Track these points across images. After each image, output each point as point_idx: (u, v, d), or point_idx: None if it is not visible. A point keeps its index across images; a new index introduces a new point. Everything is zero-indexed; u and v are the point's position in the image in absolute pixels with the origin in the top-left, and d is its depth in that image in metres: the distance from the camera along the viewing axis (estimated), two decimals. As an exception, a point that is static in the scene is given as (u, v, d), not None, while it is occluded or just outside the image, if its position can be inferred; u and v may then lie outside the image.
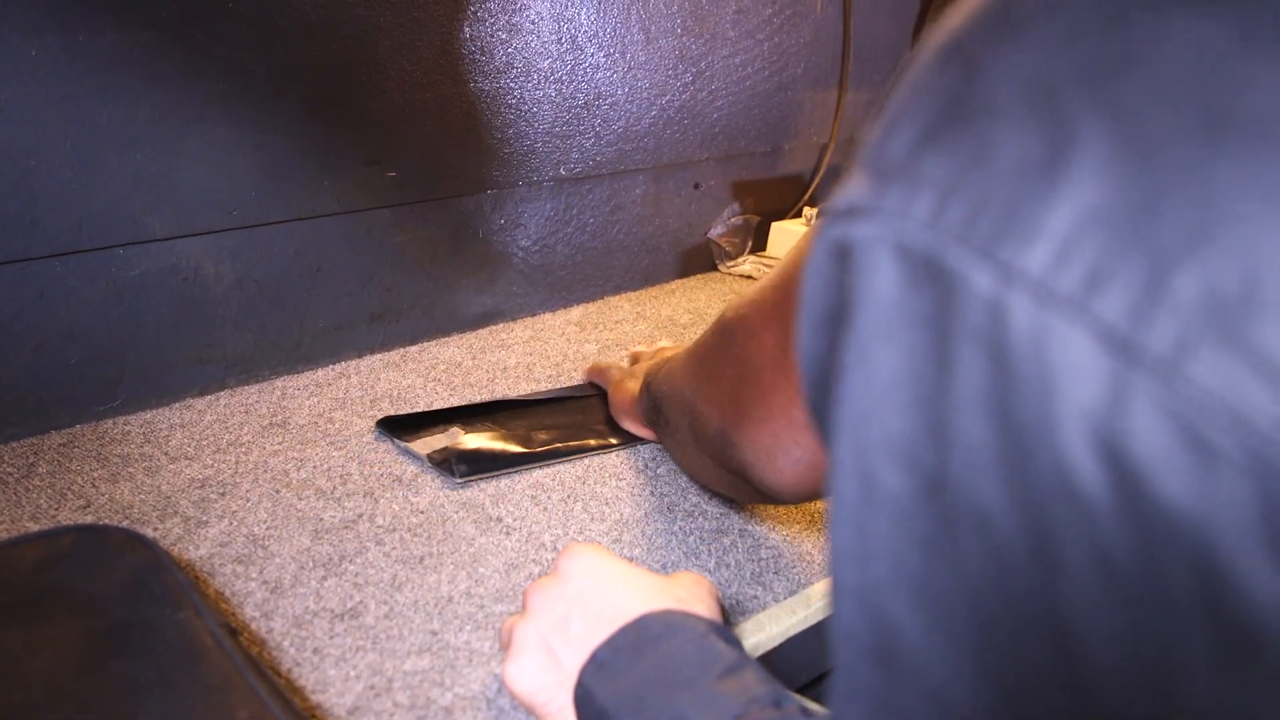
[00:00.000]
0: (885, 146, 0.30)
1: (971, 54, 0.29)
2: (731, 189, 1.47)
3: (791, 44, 1.47)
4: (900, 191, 0.29)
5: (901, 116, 0.30)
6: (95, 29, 0.87)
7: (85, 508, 0.81)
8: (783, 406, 0.63)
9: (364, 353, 1.13)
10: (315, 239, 1.06)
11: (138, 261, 0.94)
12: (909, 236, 0.28)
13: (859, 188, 0.30)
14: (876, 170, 0.30)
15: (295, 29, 0.98)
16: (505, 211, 1.21)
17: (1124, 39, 0.26)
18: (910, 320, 0.28)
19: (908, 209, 0.28)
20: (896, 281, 0.28)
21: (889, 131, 0.30)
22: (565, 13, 1.19)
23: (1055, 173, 0.26)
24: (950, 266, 0.27)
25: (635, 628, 0.54)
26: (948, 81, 0.29)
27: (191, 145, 0.95)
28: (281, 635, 0.67)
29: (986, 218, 0.27)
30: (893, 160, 0.29)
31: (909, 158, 0.29)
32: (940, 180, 0.28)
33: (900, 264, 0.28)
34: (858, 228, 0.29)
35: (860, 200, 0.30)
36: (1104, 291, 0.25)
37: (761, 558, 0.77)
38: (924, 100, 0.30)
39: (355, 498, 0.84)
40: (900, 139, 0.30)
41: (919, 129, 0.29)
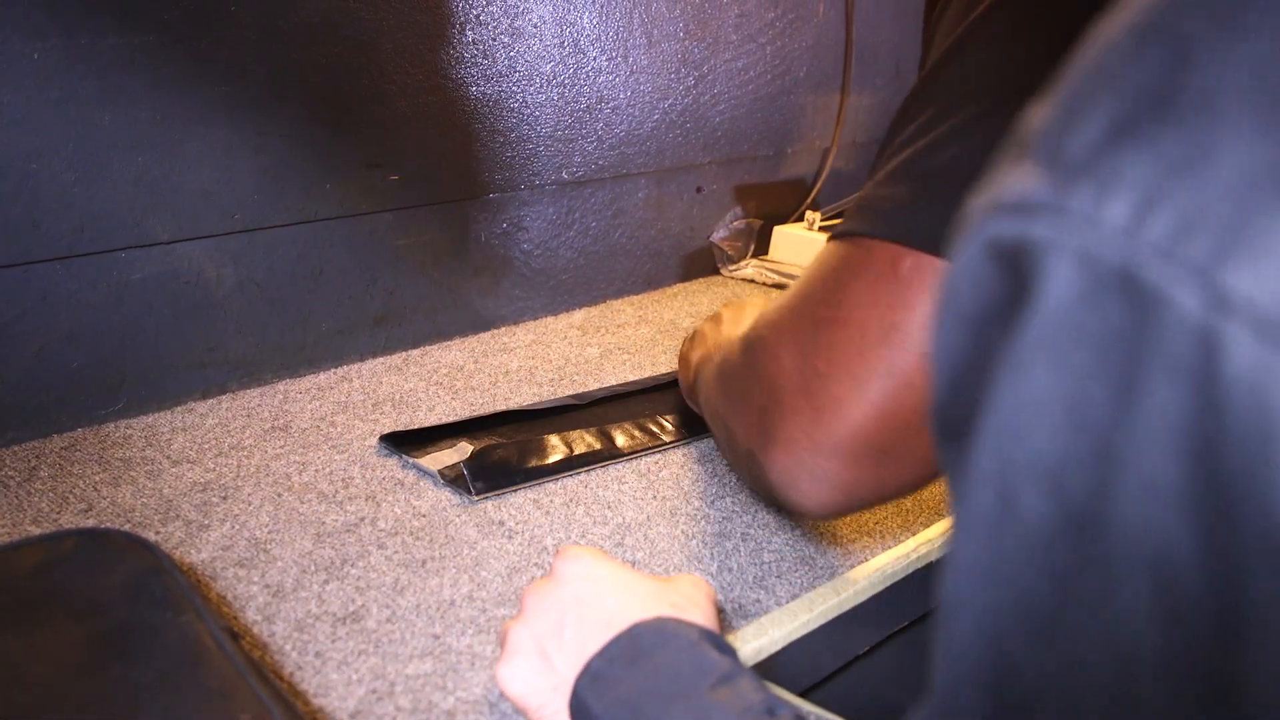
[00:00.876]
0: (1066, 136, 0.27)
1: (1182, 38, 0.25)
2: (734, 192, 1.47)
3: (794, 48, 1.47)
4: (1089, 191, 0.25)
5: (1087, 102, 0.27)
6: (97, 32, 0.87)
7: (87, 511, 0.80)
8: (805, 430, 0.63)
9: (366, 356, 1.13)
10: (317, 242, 1.06)
11: (139, 265, 0.94)
12: (1098, 244, 0.25)
13: (1031, 181, 0.27)
14: (1056, 163, 0.26)
15: (297, 32, 0.98)
16: (507, 215, 1.21)
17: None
18: (1086, 337, 0.25)
19: (1098, 212, 0.25)
20: (1076, 293, 0.25)
21: (1070, 118, 0.27)
22: (567, 17, 1.19)
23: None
24: (1149, 283, 0.24)
25: (628, 637, 0.54)
26: (1150, 68, 0.26)
27: (193, 148, 0.95)
28: (283, 639, 0.67)
29: (1202, 232, 0.23)
30: (1077, 153, 0.26)
31: (1099, 152, 0.26)
32: (1141, 183, 0.24)
33: (1083, 274, 0.25)
34: (1034, 227, 0.26)
35: (1036, 196, 0.26)
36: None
37: (764, 561, 0.77)
38: (1118, 86, 0.26)
39: (357, 501, 0.83)
40: (1087, 130, 0.26)
41: (1112, 120, 0.26)
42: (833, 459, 0.62)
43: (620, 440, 0.93)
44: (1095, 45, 0.28)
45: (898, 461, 0.62)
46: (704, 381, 0.81)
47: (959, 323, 0.30)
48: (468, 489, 0.84)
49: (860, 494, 0.64)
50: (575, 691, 0.53)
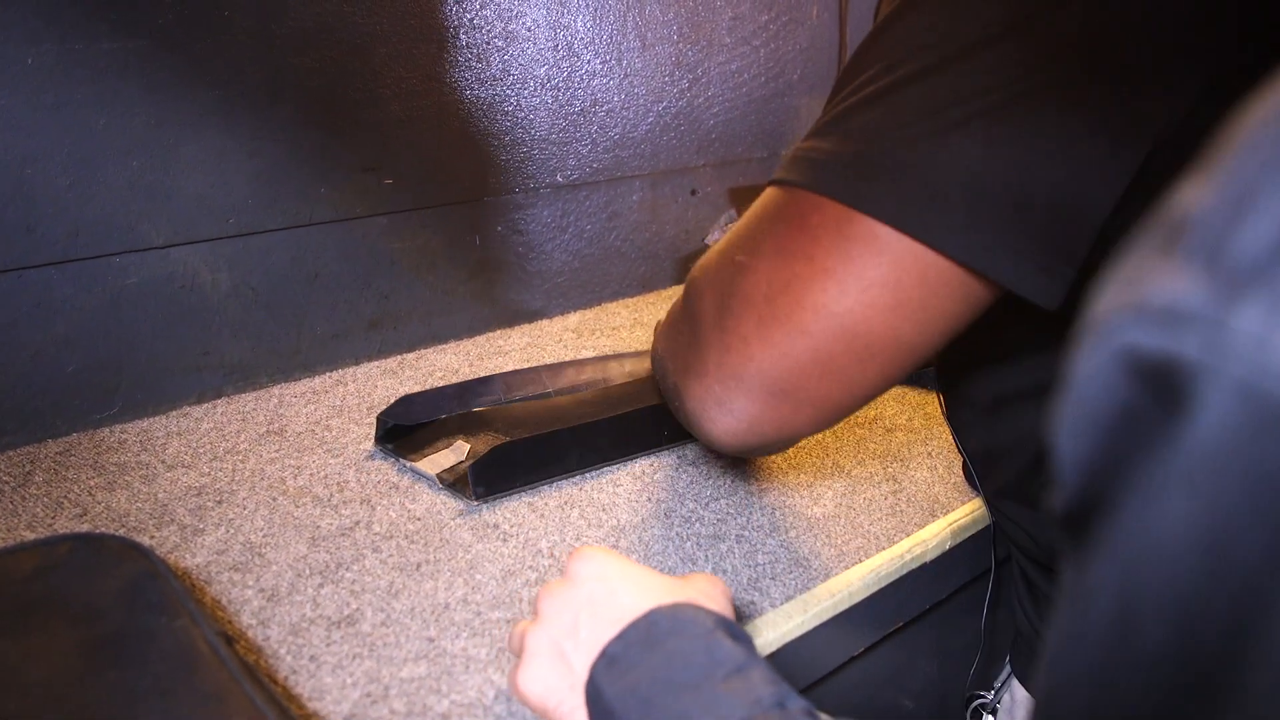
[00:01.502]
0: (1232, 233, 0.22)
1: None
2: (728, 195, 1.47)
3: (787, 50, 1.48)
4: (1259, 307, 0.21)
5: (1259, 192, 0.22)
6: (91, 37, 0.87)
7: (82, 516, 0.80)
8: (715, 362, 0.65)
9: (361, 360, 1.13)
10: (312, 246, 1.06)
11: (134, 269, 0.94)
12: (1267, 374, 0.21)
13: (1185, 284, 0.23)
14: (1217, 266, 0.22)
15: (292, 37, 0.98)
16: (502, 218, 1.21)
17: None
18: (1241, 475, 0.22)
19: (1270, 335, 0.21)
20: (1233, 426, 0.22)
21: (1237, 211, 0.23)
22: (561, 20, 1.20)
23: None
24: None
25: (646, 622, 0.54)
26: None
27: (188, 153, 0.95)
28: (278, 643, 0.67)
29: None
30: (1246, 257, 0.22)
31: (1274, 260, 0.22)
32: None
33: (1245, 406, 0.22)
34: (1186, 343, 0.22)
35: (1191, 305, 0.22)
36: None
37: (758, 563, 0.77)
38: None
39: (352, 505, 0.83)
40: (1259, 228, 0.22)
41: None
42: (738, 393, 0.65)
43: (618, 442, 0.93)
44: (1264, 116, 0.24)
45: (797, 403, 0.64)
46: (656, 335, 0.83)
47: (1087, 427, 0.26)
48: (468, 493, 0.84)
49: (764, 429, 0.66)
50: (591, 676, 0.53)
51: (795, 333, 0.62)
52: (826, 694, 0.80)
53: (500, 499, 0.85)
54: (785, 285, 0.62)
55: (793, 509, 0.84)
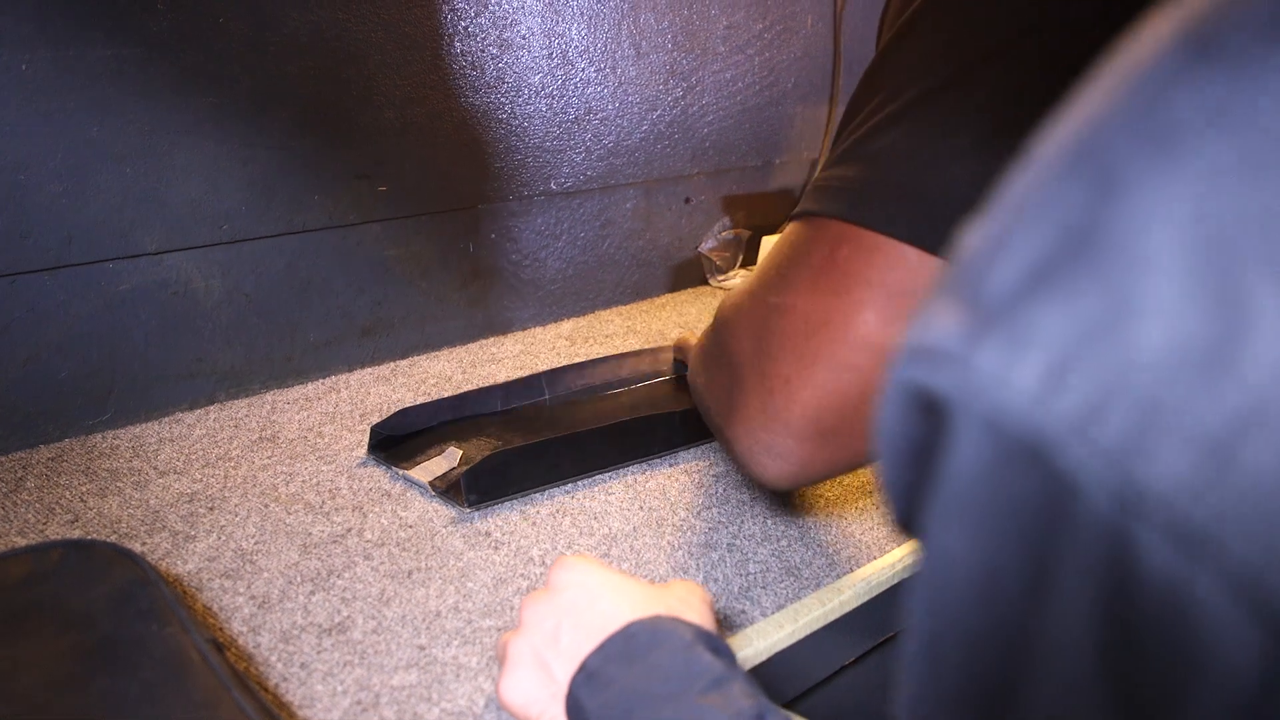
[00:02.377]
0: (985, 274, 0.23)
1: (1108, 167, 0.22)
2: (722, 203, 1.48)
3: (782, 59, 1.48)
4: (1000, 346, 0.22)
5: (1009, 234, 0.23)
6: (86, 44, 0.87)
7: (73, 522, 0.80)
8: (759, 407, 0.65)
9: (354, 367, 1.13)
10: (305, 253, 1.06)
11: (127, 276, 0.94)
12: (1006, 410, 0.22)
13: (946, 322, 0.24)
14: (970, 305, 0.23)
15: (286, 44, 0.99)
16: (495, 226, 1.21)
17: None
18: (997, 510, 0.23)
19: (1007, 373, 0.22)
20: (983, 460, 0.23)
21: (991, 252, 0.24)
22: (556, 28, 1.20)
23: (1221, 367, 0.19)
24: (1060, 466, 0.21)
25: (623, 636, 0.54)
26: (1073, 198, 0.22)
27: (182, 160, 0.95)
28: (269, 650, 0.67)
29: (1117, 412, 0.20)
30: (992, 297, 0.23)
31: (1015, 300, 0.22)
32: (1055, 343, 0.21)
33: (990, 441, 0.22)
34: (940, 377, 0.23)
35: (946, 342, 0.23)
36: (1274, 550, 0.19)
37: (749, 572, 0.77)
38: (1040, 218, 0.23)
39: (344, 512, 0.84)
40: (1005, 269, 0.23)
41: (1031, 261, 0.22)
42: (785, 435, 0.64)
43: (612, 449, 0.93)
44: (1027, 160, 0.24)
45: (847, 439, 0.64)
46: (690, 363, 0.83)
47: (891, 456, 0.27)
48: (461, 501, 0.83)
49: (815, 468, 0.66)
50: (571, 690, 0.53)
51: (839, 369, 0.61)
52: (817, 704, 0.80)
53: (492, 507, 0.85)
54: (823, 322, 0.61)
55: (784, 518, 0.84)
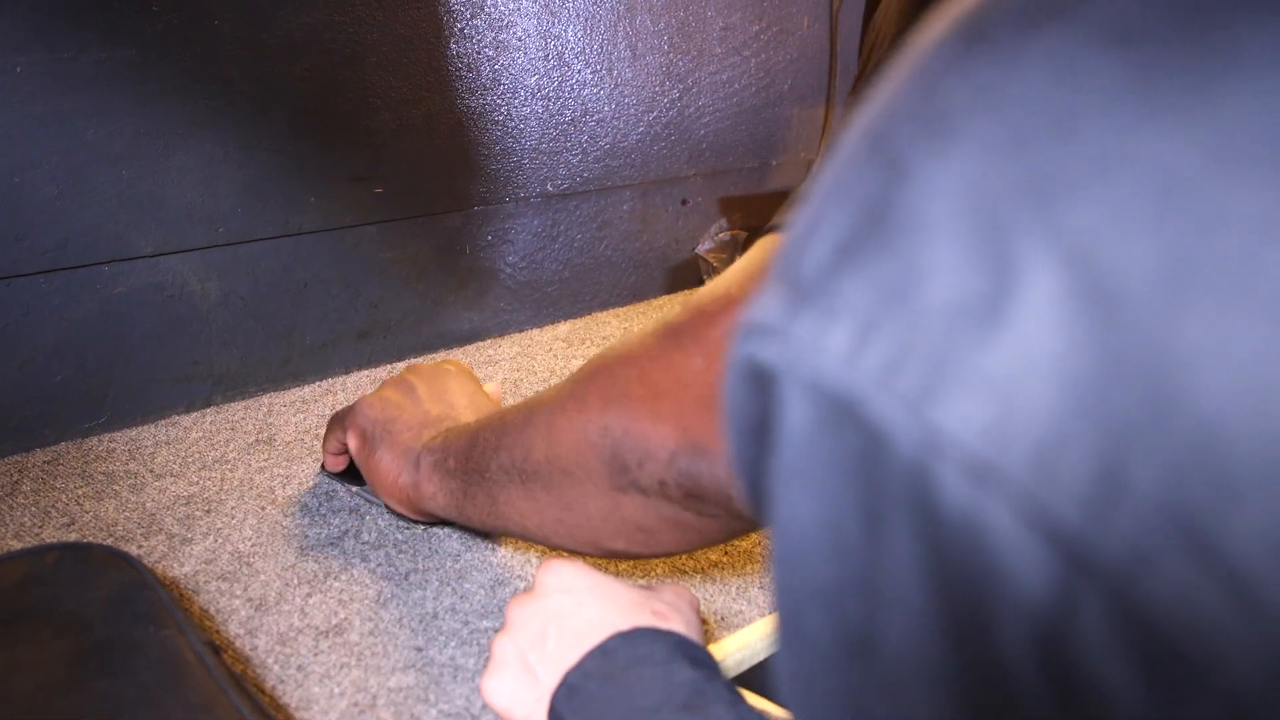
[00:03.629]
0: (800, 254, 0.26)
1: (895, 151, 0.24)
2: (719, 205, 1.48)
3: (778, 60, 1.48)
4: (814, 317, 0.24)
5: (819, 219, 0.26)
6: (80, 47, 0.87)
7: (69, 525, 0.80)
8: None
9: (351, 369, 1.13)
10: (302, 255, 1.06)
11: (123, 278, 0.94)
12: (821, 373, 0.24)
13: (770, 300, 0.26)
14: (789, 284, 0.26)
15: (282, 46, 0.99)
16: (492, 227, 1.21)
17: (1078, 152, 0.22)
18: (828, 466, 0.24)
19: (821, 340, 0.24)
20: (809, 422, 0.25)
21: (806, 235, 0.26)
22: (552, 30, 1.20)
23: (995, 318, 0.22)
24: (870, 418, 0.23)
25: (602, 651, 0.54)
26: (869, 182, 0.25)
27: (178, 162, 0.95)
28: (265, 653, 0.67)
29: (911, 365, 0.23)
30: (807, 275, 0.25)
31: (824, 275, 0.25)
32: (859, 309, 0.24)
33: (813, 403, 0.24)
34: (766, 351, 0.25)
35: (770, 319, 0.26)
36: (1053, 476, 0.21)
37: (747, 572, 0.77)
38: (843, 202, 0.25)
39: (341, 515, 0.83)
40: (816, 249, 0.25)
41: (836, 240, 0.25)
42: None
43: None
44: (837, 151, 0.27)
45: None
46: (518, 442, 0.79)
47: (739, 434, 0.29)
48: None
49: None
50: (552, 705, 0.54)
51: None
52: None
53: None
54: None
55: (782, 518, 0.84)
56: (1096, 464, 0.20)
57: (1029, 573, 0.21)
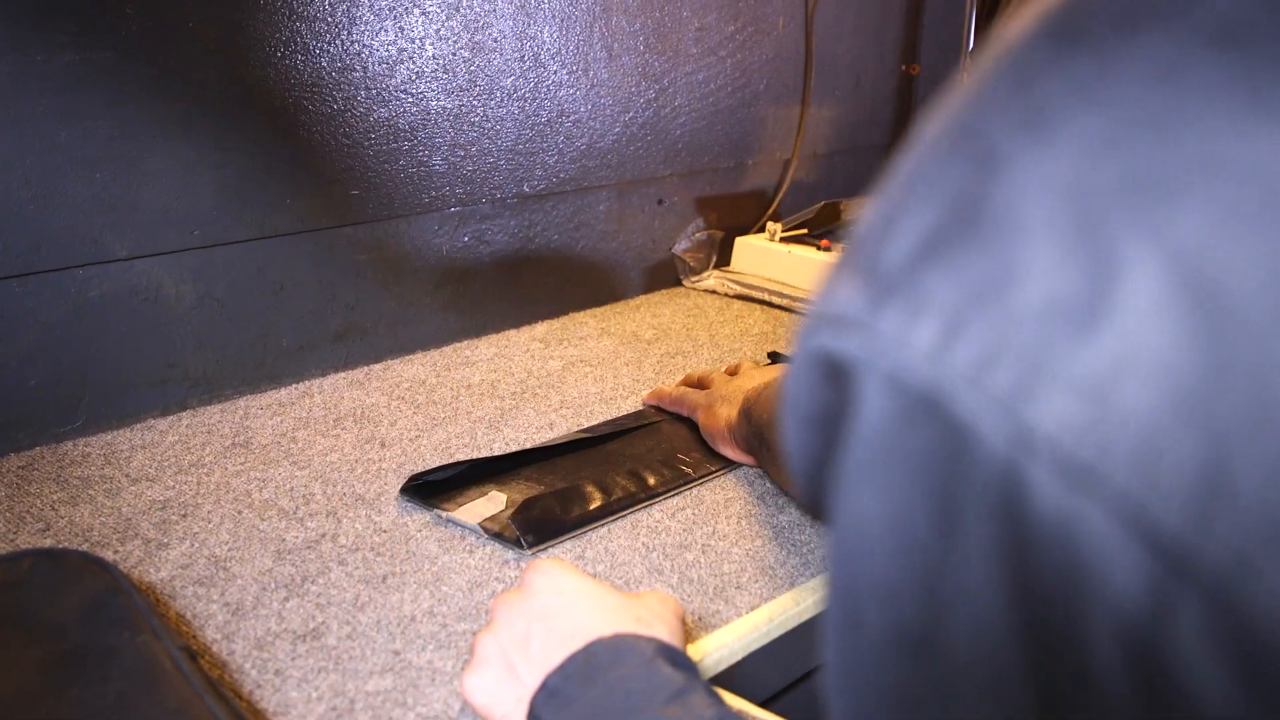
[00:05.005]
0: (882, 246, 0.25)
1: (989, 144, 0.24)
2: (695, 204, 1.48)
3: (754, 60, 1.49)
4: (899, 310, 0.24)
5: (901, 210, 0.25)
6: (53, 49, 0.86)
7: (44, 531, 0.80)
8: None
9: (327, 371, 1.12)
10: (277, 257, 1.06)
11: (98, 282, 0.94)
12: (906, 367, 0.24)
13: (849, 292, 0.25)
14: (870, 276, 0.25)
15: (257, 48, 0.98)
16: (469, 229, 1.21)
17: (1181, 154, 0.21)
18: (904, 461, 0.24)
19: (906, 334, 0.24)
20: (889, 416, 0.24)
21: (886, 226, 0.25)
22: (528, 31, 1.20)
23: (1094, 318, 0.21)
24: (956, 414, 0.23)
25: (584, 655, 0.54)
26: (958, 175, 0.24)
27: (152, 165, 0.94)
28: (243, 657, 0.67)
29: (1005, 363, 0.22)
30: (890, 267, 0.25)
31: (909, 268, 0.24)
32: (947, 305, 0.23)
33: (894, 397, 0.24)
34: (846, 343, 0.25)
35: (850, 310, 0.25)
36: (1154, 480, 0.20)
37: (724, 572, 0.78)
38: (929, 194, 0.25)
39: (318, 517, 0.83)
40: (900, 241, 0.25)
41: (922, 232, 0.24)
42: None
43: (651, 480, 0.90)
44: (917, 142, 0.26)
45: None
46: (770, 415, 0.82)
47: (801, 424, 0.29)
48: (517, 543, 0.79)
49: None
50: (532, 708, 0.54)
51: None
52: (793, 702, 0.81)
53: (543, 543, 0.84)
54: None
55: (758, 517, 0.85)
56: (1199, 468, 0.20)
57: (1124, 576, 0.21)
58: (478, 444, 0.97)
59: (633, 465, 0.91)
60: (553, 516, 0.82)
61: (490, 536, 0.81)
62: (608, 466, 0.91)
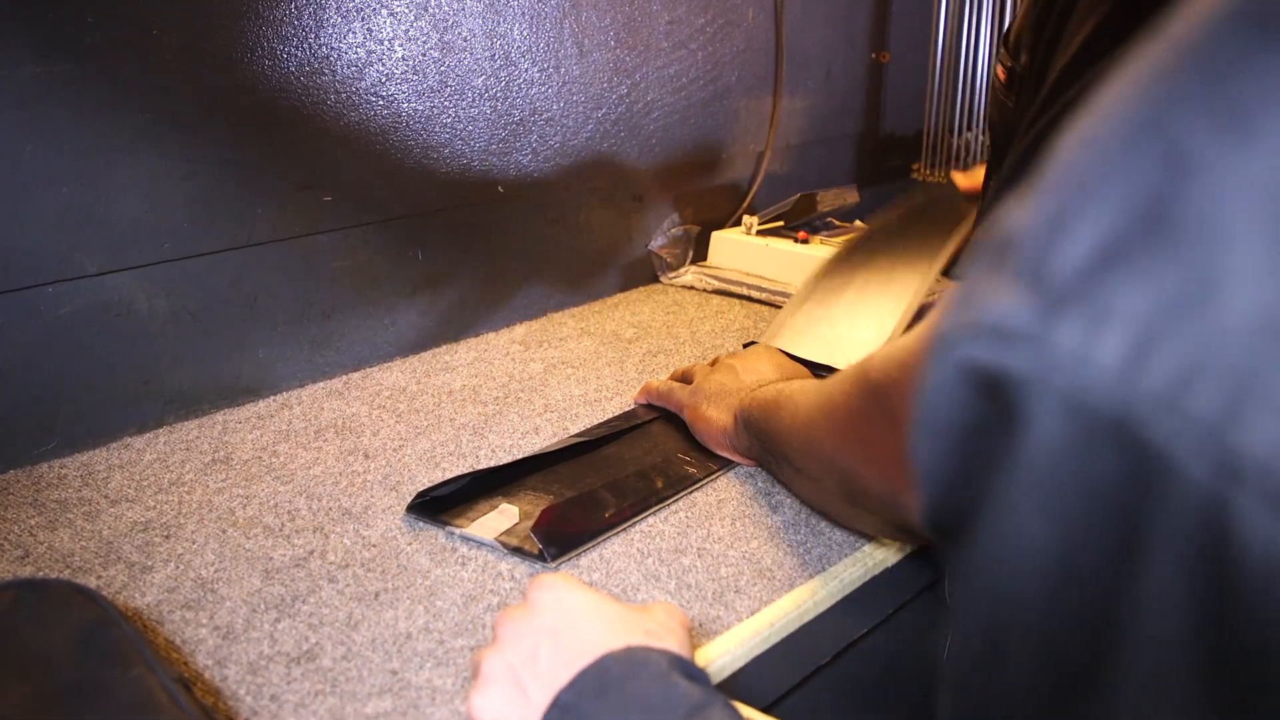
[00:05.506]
0: (1050, 252, 0.23)
1: (1178, 144, 0.22)
2: (671, 200, 1.47)
3: (725, 53, 1.47)
4: (1077, 324, 0.22)
5: (1072, 213, 0.23)
6: (14, 62, 0.84)
7: (23, 558, 0.78)
8: None
9: (305, 382, 1.10)
10: (251, 268, 1.03)
11: (68, 299, 0.91)
12: (1088, 387, 0.22)
13: (1010, 301, 0.23)
14: (1039, 284, 0.23)
15: (223, 54, 0.96)
16: (444, 232, 1.19)
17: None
18: (1081, 488, 0.22)
19: (1087, 350, 0.22)
20: (1065, 439, 0.22)
21: (1054, 230, 0.23)
22: (498, 29, 1.18)
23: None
24: (1149, 440, 0.21)
25: (597, 669, 0.53)
26: (1142, 176, 0.22)
27: (120, 177, 0.92)
28: (236, 683, 0.65)
29: (1207, 384, 0.20)
30: (1064, 276, 0.23)
31: (1088, 277, 0.22)
32: (1137, 319, 0.21)
33: (1073, 419, 0.22)
34: (1010, 357, 0.23)
35: (1015, 321, 0.23)
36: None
37: (722, 576, 0.77)
38: (1108, 196, 0.23)
39: (305, 534, 0.82)
40: (1074, 247, 0.23)
41: (1102, 238, 0.22)
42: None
43: (659, 482, 0.88)
44: (1080, 138, 0.24)
45: None
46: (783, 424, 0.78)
47: (938, 438, 0.26)
48: (540, 556, 0.78)
49: None
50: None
51: None
52: (796, 706, 0.80)
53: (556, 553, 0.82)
54: None
55: (753, 518, 0.84)
56: None
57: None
58: (463, 452, 0.95)
59: (637, 468, 0.90)
60: (573, 527, 0.81)
61: (509, 551, 0.79)
62: (612, 471, 0.90)
